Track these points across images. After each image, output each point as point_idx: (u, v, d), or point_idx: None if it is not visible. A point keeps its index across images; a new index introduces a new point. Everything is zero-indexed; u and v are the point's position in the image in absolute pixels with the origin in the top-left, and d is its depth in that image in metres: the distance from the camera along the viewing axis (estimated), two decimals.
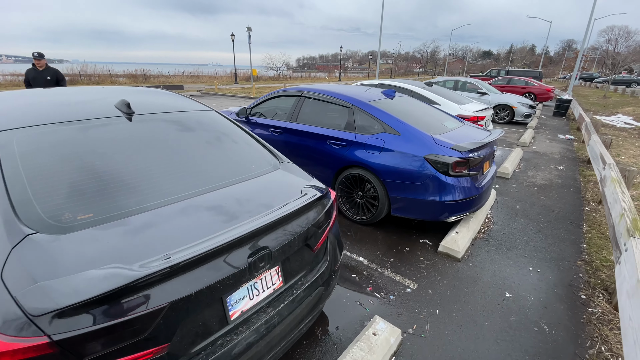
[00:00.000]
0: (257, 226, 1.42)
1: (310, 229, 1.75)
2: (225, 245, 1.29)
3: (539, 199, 4.75)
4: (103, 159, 1.61)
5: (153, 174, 1.68)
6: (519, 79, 18.06)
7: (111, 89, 2.37)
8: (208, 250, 1.22)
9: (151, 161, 1.75)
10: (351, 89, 4.29)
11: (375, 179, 3.51)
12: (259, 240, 1.49)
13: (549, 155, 7.24)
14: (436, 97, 6.39)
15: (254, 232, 1.41)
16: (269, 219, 1.51)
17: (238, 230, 1.38)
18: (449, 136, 3.43)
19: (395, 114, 3.60)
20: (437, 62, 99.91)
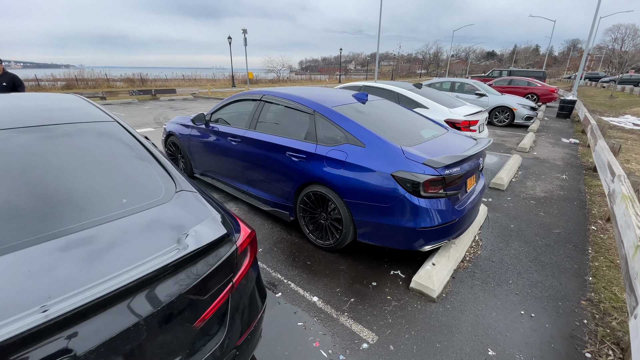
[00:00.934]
0: (60, 313, 0.89)
1: (182, 297, 1.20)
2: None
3: (538, 215, 4.15)
4: None
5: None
6: (521, 80, 17.40)
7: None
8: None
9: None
10: (316, 92, 3.74)
11: (337, 198, 2.95)
12: (66, 333, 0.94)
13: (550, 162, 6.61)
14: (424, 100, 5.82)
15: (55, 322, 0.88)
16: (85, 299, 0.97)
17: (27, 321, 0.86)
18: (424, 148, 2.86)
19: (361, 122, 3.04)
20: (439, 64, 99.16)
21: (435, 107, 5.68)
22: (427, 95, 6.02)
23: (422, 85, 6.53)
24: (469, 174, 2.89)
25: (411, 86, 6.37)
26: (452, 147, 3.04)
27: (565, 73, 69.27)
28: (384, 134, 2.91)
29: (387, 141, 2.81)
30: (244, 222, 1.67)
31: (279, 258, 3.12)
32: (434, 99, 5.96)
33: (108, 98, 17.14)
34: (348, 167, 2.84)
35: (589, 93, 28.10)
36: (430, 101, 5.78)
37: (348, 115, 3.11)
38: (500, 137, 8.99)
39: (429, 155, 2.68)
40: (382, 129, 3.04)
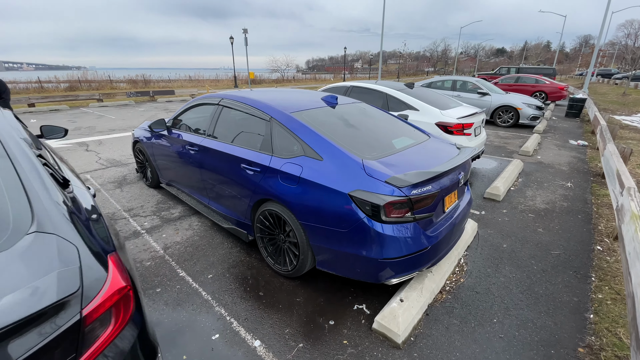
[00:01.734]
0: None
1: None
2: None
3: (536, 232, 3.67)
4: None
5: None
6: (528, 77, 16.72)
7: None
8: None
9: None
10: (281, 95, 3.33)
11: (293, 219, 2.54)
12: None
13: (555, 168, 6.08)
14: (414, 102, 5.35)
15: None
16: None
17: None
18: (392, 162, 2.42)
19: (322, 130, 2.62)
20: (447, 61, 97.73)
21: (426, 109, 5.22)
22: (418, 96, 5.56)
23: (414, 85, 6.07)
24: (446, 191, 2.44)
25: (402, 86, 5.91)
26: (427, 159, 2.59)
27: (576, 70, 67.47)
28: (345, 145, 2.48)
29: (348, 154, 2.38)
30: (120, 271, 1.27)
31: (229, 287, 2.72)
32: (425, 99, 5.49)
33: (105, 100, 16.99)
34: (303, 183, 2.43)
35: (601, 90, 27.07)
36: (420, 102, 5.31)
37: (307, 122, 2.69)
38: (502, 139, 8.45)
39: (394, 171, 2.24)
40: (345, 138, 2.61)
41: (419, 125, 5.23)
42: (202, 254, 3.21)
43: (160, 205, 4.30)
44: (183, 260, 3.11)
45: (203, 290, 2.69)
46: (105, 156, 6.60)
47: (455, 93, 10.94)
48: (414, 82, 6.21)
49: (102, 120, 11.28)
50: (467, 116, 5.07)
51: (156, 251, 3.26)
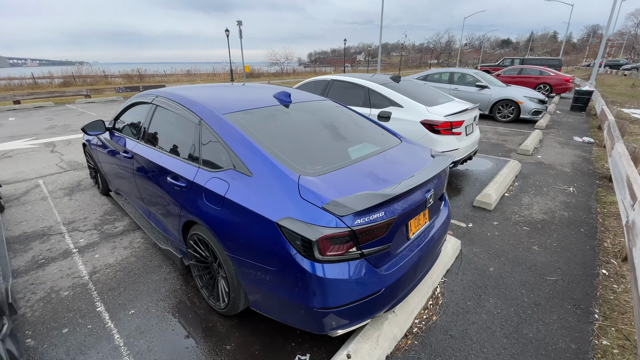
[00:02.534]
0: None
1: None
2: None
3: (530, 250, 3.14)
4: None
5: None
6: (532, 69, 15.96)
7: None
8: None
9: None
10: (221, 92, 2.80)
11: (220, 249, 2.04)
12: None
13: (556, 169, 5.51)
14: (398, 97, 4.79)
15: None
16: None
17: None
18: (336, 178, 1.89)
19: (257, 136, 2.09)
20: (451, 53, 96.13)
21: (410, 106, 4.66)
22: (404, 91, 4.99)
23: (400, 79, 5.49)
24: (409, 214, 1.92)
25: (387, 80, 5.34)
26: (387, 173, 2.06)
27: (584, 60, 65.82)
28: (283, 156, 1.96)
29: (282, 168, 1.86)
30: None
31: (151, 327, 2.23)
32: (411, 94, 4.93)
33: (93, 96, 16.53)
34: (228, 206, 1.92)
35: (609, 82, 26.14)
36: (405, 98, 4.75)
37: (241, 126, 2.16)
38: (501, 136, 7.85)
39: (337, 193, 1.72)
40: (286, 147, 2.09)
41: (403, 124, 4.70)
42: (132, 280, 2.72)
43: (106, 217, 3.81)
44: (108, 289, 2.62)
45: (118, 331, 2.21)
46: (68, 158, 6.13)
47: (452, 86, 10.33)
48: (400, 75, 5.64)
49: (81, 117, 10.82)
50: (457, 113, 4.50)
51: (80, 277, 2.78)
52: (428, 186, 2.07)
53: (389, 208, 1.75)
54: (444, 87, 10.48)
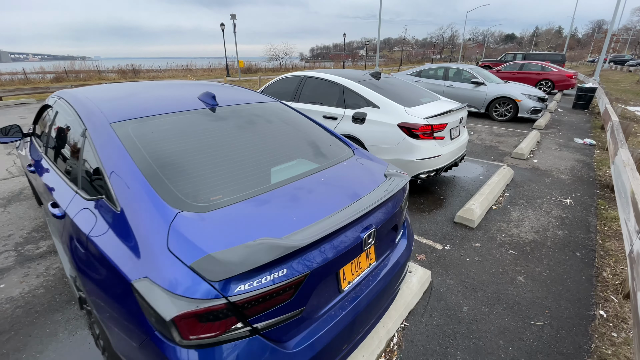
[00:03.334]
0: None
1: None
2: None
3: (514, 282, 2.64)
4: None
5: None
6: (534, 64, 15.34)
7: None
8: None
9: None
10: (130, 91, 2.29)
11: (92, 306, 1.54)
12: None
13: (553, 176, 4.98)
14: (374, 96, 4.27)
15: None
16: None
17: None
18: (235, 215, 1.37)
19: (141, 153, 1.59)
20: (454, 48, 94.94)
21: (387, 106, 4.14)
22: (382, 89, 4.47)
23: (380, 75, 4.96)
24: (339, 261, 1.42)
25: (365, 76, 4.82)
26: (312, 205, 1.55)
27: (588, 56, 64.64)
28: (167, 183, 1.46)
29: (156, 201, 1.36)
30: None
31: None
32: (390, 93, 4.40)
33: None
34: (91, 249, 1.43)
35: (614, 78, 25.38)
36: (382, 97, 4.23)
37: (125, 138, 1.66)
38: (496, 137, 7.31)
39: (224, 240, 1.22)
40: (182, 169, 1.59)
41: (379, 127, 4.18)
42: (27, 321, 2.25)
43: (32, 235, 3.34)
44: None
45: None
46: None
47: (447, 83, 9.77)
48: (380, 72, 5.10)
49: None
50: (439, 115, 3.97)
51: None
52: (368, 220, 1.56)
53: (297, 262, 1.25)
54: (438, 84, 9.93)
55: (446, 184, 4.64)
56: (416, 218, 3.68)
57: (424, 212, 3.83)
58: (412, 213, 3.80)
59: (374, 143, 4.16)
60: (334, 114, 4.55)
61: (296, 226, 1.35)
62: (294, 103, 5.12)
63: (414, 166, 3.96)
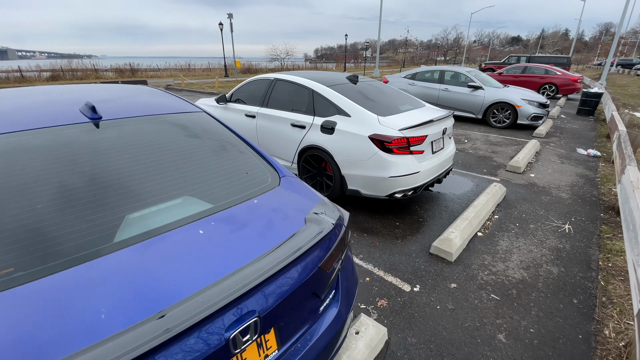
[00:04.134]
0: None
1: None
2: None
3: (491, 344, 2.10)
4: None
5: None
6: (537, 67, 14.73)
7: None
8: None
9: None
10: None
11: None
12: None
13: (552, 194, 4.42)
14: (345, 103, 3.75)
15: None
16: None
17: None
18: (38, 295, 0.87)
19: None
20: (458, 50, 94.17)
21: (359, 115, 3.62)
22: (357, 95, 3.95)
23: (357, 78, 4.44)
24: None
25: (339, 80, 4.30)
26: (164, 281, 1.03)
27: (595, 59, 63.60)
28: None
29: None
30: None
31: None
32: (365, 99, 3.89)
33: None
34: None
35: (621, 82, 24.63)
36: (353, 104, 3.71)
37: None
38: (491, 146, 6.75)
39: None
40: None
41: (349, 140, 3.64)
42: None
43: None
44: None
45: None
46: None
47: (442, 86, 9.22)
48: (357, 75, 4.57)
49: None
50: (417, 126, 3.44)
51: None
52: (245, 305, 1.04)
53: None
54: (433, 87, 9.38)
55: (428, 201, 4.11)
56: (387, 246, 3.15)
57: (398, 238, 3.30)
58: (383, 239, 3.27)
59: (343, 157, 3.64)
60: (302, 122, 4.04)
61: (87, 337, 0.82)
62: (262, 109, 4.62)
63: (387, 184, 3.44)
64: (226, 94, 5.33)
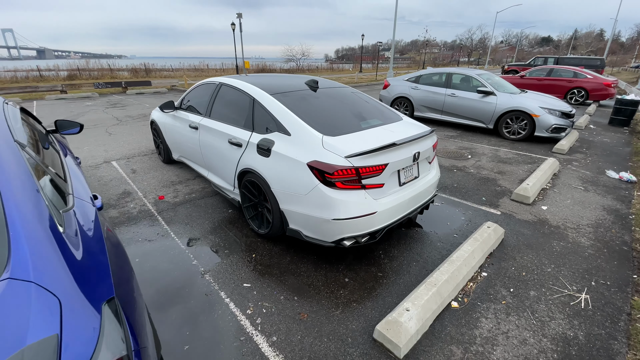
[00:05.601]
0: None
1: None
2: None
3: None
4: None
5: None
6: (565, 70, 13.27)
7: None
8: None
9: None
10: None
11: None
12: None
13: (567, 240, 3.37)
14: (287, 117, 2.89)
15: None
16: None
17: None
18: None
19: None
20: (482, 51, 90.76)
21: (301, 133, 2.74)
22: (305, 106, 3.08)
23: (317, 85, 3.56)
24: None
25: (293, 86, 3.43)
26: None
27: (632, 61, 59.29)
28: None
29: None
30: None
31: None
32: (315, 113, 3.01)
33: (70, 92, 15.52)
34: None
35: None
36: (296, 119, 2.84)
37: None
38: (499, 164, 5.67)
39: None
40: None
41: (285, 167, 2.72)
42: None
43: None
44: None
45: None
46: None
47: (449, 91, 8.16)
48: (317, 80, 3.67)
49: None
50: (373, 151, 2.52)
51: None
52: None
53: None
54: (438, 92, 8.33)
55: (398, 243, 3.17)
56: (318, 321, 2.26)
57: (339, 306, 2.40)
58: (318, 307, 2.38)
59: (281, 187, 2.79)
60: (239, 139, 3.22)
61: None
62: (204, 119, 3.84)
63: (332, 228, 2.56)
64: (174, 101, 4.58)
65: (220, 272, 2.74)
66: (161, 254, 2.99)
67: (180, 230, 3.40)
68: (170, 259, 2.91)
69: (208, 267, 2.80)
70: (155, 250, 3.05)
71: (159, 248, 3.08)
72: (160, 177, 4.88)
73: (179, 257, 2.95)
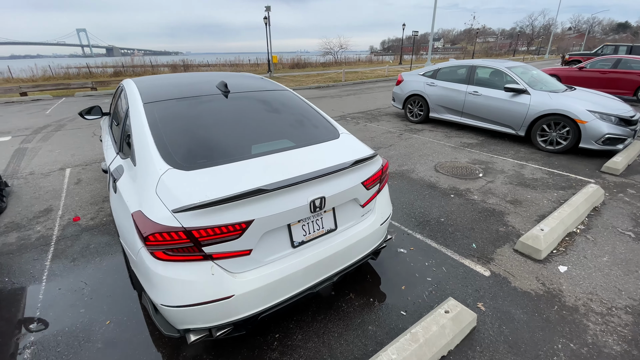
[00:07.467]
0: None
1: None
2: None
3: None
4: None
5: None
6: (637, 61, 10.81)
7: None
8: None
9: None
10: None
11: None
12: None
13: (587, 335, 2.12)
14: (140, 138, 2.03)
15: None
16: None
17: None
18: None
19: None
20: (547, 38, 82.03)
21: (144, 164, 1.87)
22: (183, 121, 2.18)
23: (228, 89, 2.62)
24: None
25: (196, 90, 2.55)
26: None
27: None
28: None
29: None
30: None
31: None
32: (188, 130, 2.11)
33: (99, 89, 16.08)
34: None
35: None
36: (146, 142, 1.95)
37: None
38: (517, 188, 4.29)
39: None
40: None
41: (122, 210, 1.87)
42: None
43: None
44: None
45: None
46: None
47: (470, 88, 6.73)
48: (226, 83, 2.72)
49: (32, 116, 9.82)
50: (229, 200, 1.55)
51: None
52: None
53: None
54: (458, 90, 6.91)
55: (303, 324, 2.18)
56: None
57: None
58: None
59: (123, 240, 1.95)
60: (108, 161, 2.43)
61: None
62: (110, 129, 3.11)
63: (169, 315, 1.68)
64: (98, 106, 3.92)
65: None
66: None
67: (60, 270, 2.72)
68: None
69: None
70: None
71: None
72: (99, 189, 4.31)
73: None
